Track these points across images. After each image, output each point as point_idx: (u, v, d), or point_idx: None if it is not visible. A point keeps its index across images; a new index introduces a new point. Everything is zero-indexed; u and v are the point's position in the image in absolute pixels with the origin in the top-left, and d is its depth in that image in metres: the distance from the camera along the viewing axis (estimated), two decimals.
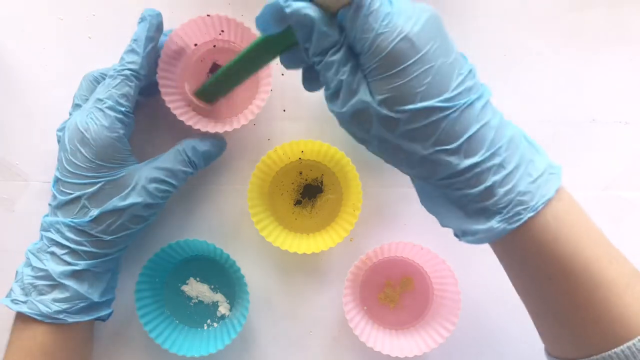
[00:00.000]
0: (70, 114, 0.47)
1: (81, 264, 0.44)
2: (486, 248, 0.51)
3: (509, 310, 0.51)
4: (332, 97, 0.37)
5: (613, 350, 0.35)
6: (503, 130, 0.36)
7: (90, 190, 0.44)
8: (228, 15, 0.48)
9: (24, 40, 0.53)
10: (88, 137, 0.44)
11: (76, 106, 0.47)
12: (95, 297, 0.45)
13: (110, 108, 0.44)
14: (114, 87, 0.45)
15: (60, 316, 0.43)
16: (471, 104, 0.35)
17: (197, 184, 0.52)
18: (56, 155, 0.50)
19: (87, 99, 0.47)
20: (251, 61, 0.41)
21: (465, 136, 0.35)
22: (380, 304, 0.51)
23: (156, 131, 0.51)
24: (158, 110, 0.50)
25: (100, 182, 0.44)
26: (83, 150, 0.44)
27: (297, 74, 0.53)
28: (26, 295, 0.44)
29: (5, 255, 0.52)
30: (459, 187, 0.36)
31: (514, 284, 0.40)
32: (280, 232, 0.50)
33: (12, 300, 0.44)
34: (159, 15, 0.47)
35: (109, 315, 0.47)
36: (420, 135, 0.35)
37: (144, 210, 0.45)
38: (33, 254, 0.45)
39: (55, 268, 0.44)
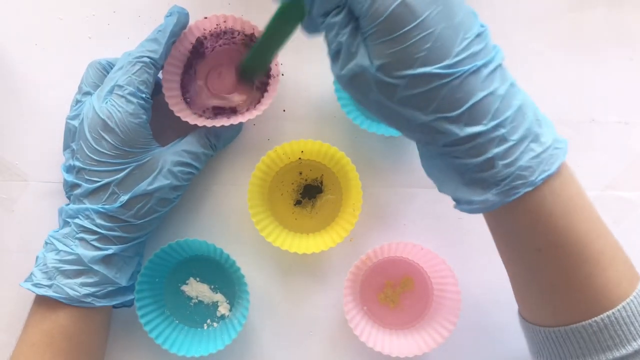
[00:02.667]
0: (79, 101, 0.47)
1: (112, 249, 0.45)
2: (486, 249, 0.51)
3: (509, 310, 0.51)
4: (333, 58, 0.36)
5: (593, 319, 0.36)
6: (510, 99, 0.35)
7: (120, 176, 0.45)
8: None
9: (24, 40, 0.53)
10: (111, 124, 0.44)
11: (85, 94, 0.47)
12: (123, 282, 0.46)
13: (132, 94, 0.45)
14: (133, 73, 0.45)
15: (88, 300, 0.44)
16: (476, 70, 0.33)
17: (197, 184, 0.52)
18: (56, 155, 0.51)
19: (96, 86, 0.47)
20: (277, 31, 0.41)
21: (467, 105, 0.33)
22: (380, 304, 0.51)
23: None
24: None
25: (128, 167, 0.45)
26: (108, 138, 0.44)
27: (297, 75, 0.53)
28: (50, 279, 0.44)
29: (5, 255, 0.52)
30: (459, 156, 0.35)
31: (501, 253, 0.40)
32: (280, 232, 0.50)
33: (35, 284, 0.44)
34: (187, 14, 0.48)
35: (130, 300, 0.48)
36: (419, 102, 0.34)
37: (170, 193, 0.46)
38: (58, 239, 0.45)
39: (86, 253, 0.44)
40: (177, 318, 0.50)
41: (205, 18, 0.49)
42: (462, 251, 0.52)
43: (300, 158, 0.51)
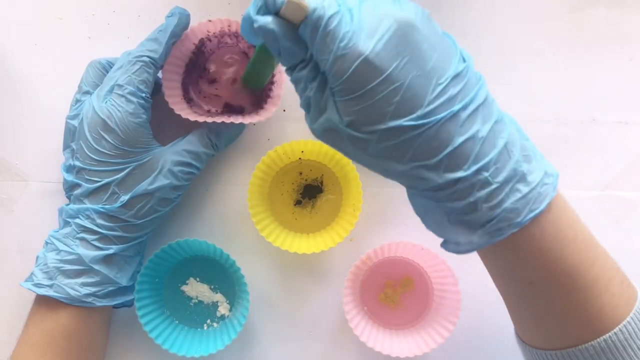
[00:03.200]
0: (79, 100, 0.47)
1: (113, 249, 0.45)
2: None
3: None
4: (305, 110, 0.36)
5: (590, 343, 0.35)
6: (494, 139, 0.33)
7: (120, 176, 0.45)
8: (229, 17, 0.49)
9: (23, 40, 0.53)
10: (111, 123, 0.44)
11: (85, 93, 0.47)
12: (123, 282, 0.46)
13: (132, 94, 0.45)
14: (133, 72, 0.45)
15: (89, 299, 0.44)
16: (453, 116, 0.32)
17: (197, 184, 0.52)
18: (56, 155, 0.51)
19: (96, 86, 0.47)
20: (263, 60, 0.42)
21: (445, 151, 0.32)
22: (380, 304, 0.51)
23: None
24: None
25: (128, 167, 0.45)
26: (108, 137, 0.44)
27: None
28: (50, 279, 0.44)
29: (5, 255, 0.52)
30: (441, 200, 0.34)
31: (494, 281, 0.40)
32: (280, 232, 0.50)
33: (35, 284, 0.44)
34: (188, 15, 0.48)
35: (131, 300, 0.48)
36: (394, 153, 0.33)
37: (171, 192, 0.46)
38: (58, 239, 0.45)
39: (87, 253, 0.44)
40: (177, 318, 0.50)
41: (210, 21, 0.49)
42: None
43: (300, 158, 0.51)
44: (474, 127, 0.33)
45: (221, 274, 0.50)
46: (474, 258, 0.52)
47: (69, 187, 0.47)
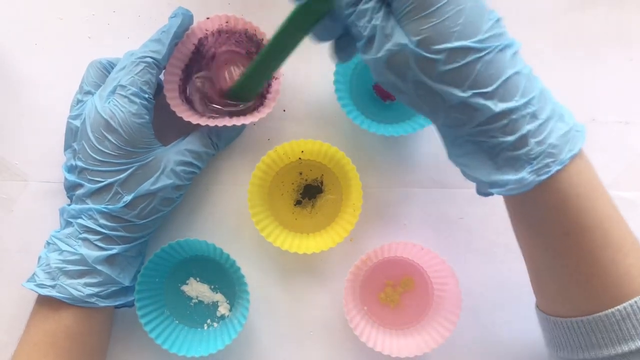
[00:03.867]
0: (80, 101, 0.47)
1: (116, 249, 0.45)
2: (486, 249, 0.51)
3: (509, 310, 0.51)
4: (366, 46, 0.37)
5: (616, 308, 0.36)
6: (534, 81, 0.37)
7: (123, 176, 0.45)
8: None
9: (23, 40, 0.53)
10: (114, 124, 0.44)
11: (86, 93, 0.47)
12: (126, 282, 0.46)
13: (135, 95, 0.45)
14: (136, 73, 0.45)
15: (92, 300, 0.44)
16: (502, 49, 0.35)
17: (197, 184, 0.52)
18: (56, 155, 0.51)
19: (98, 86, 0.47)
20: (283, 42, 0.42)
21: (500, 80, 0.35)
22: (380, 304, 0.51)
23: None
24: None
25: (131, 167, 0.45)
26: (111, 138, 0.44)
27: (296, 75, 0.53)
28: (53, 279, 0.44)
29: (5, 255, 0.52)
30: (494, 135, 0.36)
31: (524, 240, 0.40)
32: (280, 232, 0.50)
33: (38, 285, 0.44)
34: (191, 16, 0.48)
35: (132, 300, 0.48)
36: (457, 78, 0.35)
37: (173, 192, 0.47)
38: (60, 239, 0.45)
39: (90, 253, 0.44)
40: (177, 318, 0.50)
41: (208, 19, 0.49)
42: (462, 251, 0.52)
43: (300, 158, 0.51)
44: (519, 64, 0.36)
45: (221, 274, 0.50)
46: (474, 258, 0.52)
47: (71, 187, 0.47)
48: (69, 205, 0.47)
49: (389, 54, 0.36)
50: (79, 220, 0.45)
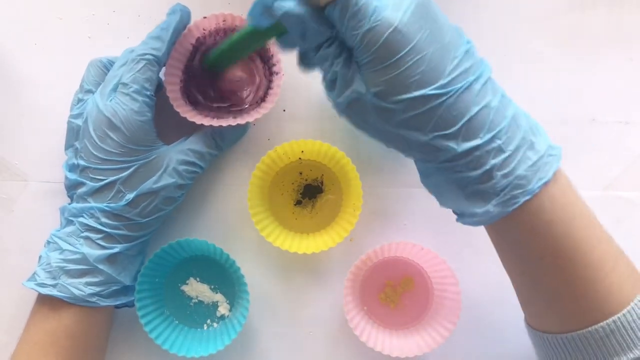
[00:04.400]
0: (81, 100, 0.47)
1: (117, 247, 0.45)
2: (486, 249, 0.51)
3: (509, 310, 0.51)
4: (329, 87, 0.37)
5: (599, 325, 0.36)
6: (503, 110, 0.36)
7: (125, 174, 0.45)
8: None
9: (23, 40, 0.53)
10: (116, 122, 0.44)
11: (87, 92, 0.47)
12: (127, 281, 0.46)
13: (137, 92, 0.45)
14: (137, 70, 0.45)
15: (93, 299, 0.44)
16: (469, 86, 0.35)
17: (198, 184, 0.52)
18: (56, 155, 0.51)
19: (98, 84, 0.47)
20: (245, 43, 0.43)
21: (464, 120, 0.34)
22: (380, 304, 0.51)
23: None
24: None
25: (134, 165, 0.45)
26: (113, 136, 0.44)
27: (297, 75, 0.53)
28: (54, 278, 0.44)
29: (5, 255, 0.52)
30: (459, 170, 0.36)
31: (504, 263, 0.41)
32: (280, 232, 0.50)
33: (38, 284, 0.44)
34: (189, 13, 0.48)
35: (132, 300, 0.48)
36: (417, 123, 0.35)
37: (175, 191, 0.47)
38: (61, 238, 0.45)
39: (92, 252, 0.44)
40: (177, 318, 0.50)
41: (205, 18, 0.49)
42: (462, 251, 0.51)
43: (300, 158, 0.51)
44: (487, 98, 0.35)
45: (221, 274, 0.50)
46: (474, 258, 0.52)
47: (72, 186, 0.46)
48: (70, 204, 0.46)
49: (348, 100, 0.36)
50: (80, 219, 0.45)
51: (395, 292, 0.51)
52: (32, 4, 0.53)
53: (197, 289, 0.51)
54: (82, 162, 0.45)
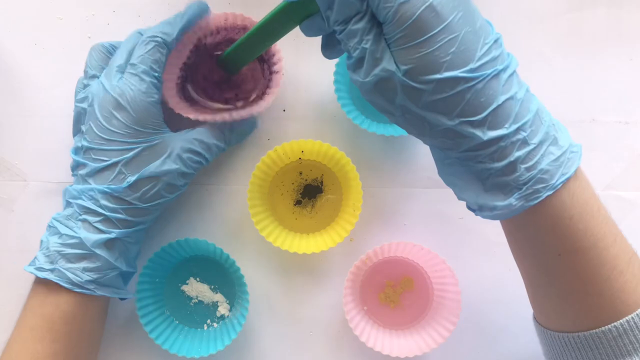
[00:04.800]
0: (86, 85, 0.47)
1: (115, 232, 0.44)
2: (486, 249, 0.51)
3: (509, 310, 0.51)
4: (355, 66, 0.36)
5: (613, 324, 0.36)
6: (528, 104, 0.35)
7: (128, 155, 0.44)
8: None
9: (23, 40, 0.53)
10: (123, 102, 0.43)
11: (92, 77, 0.47)
12: (123, 267, 0.45)
13: (145, 73, 0.44)
14: (146, 52, 0.44)
15: (90, 287, 0.44)
16: (497, 74, 0.34)
17: (198, 184, 0.52)
18: (56, 155, 0.51)
19: (102, 69, 0.47)
20: (272, 28, 0.42)
21: (491, 108, 0.34)
22: (380, 304, 0.51)
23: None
24: None
25: (138, 147, 0.44)
26: (119, 116, 0.44)
27: (297, 75, 0.53)
28: (52, 263, 0.43)
29: (5, 255, 0.52)
30: (482, 160, 0.35)
31: (518, 259, 0.40)
32: (280, 232, 0.50)
33: (37, 268, 0.44)
34: (208, 8, 0.48)
35: (128, 298, 0.47)
36: (445, 107, 0.34)
37: (178, 179, 0.46)
38: (60, 222, 0.45)
39: (89, 236, 0.43)
40: (177, 318, 0.50)
41: (205, 17, 0.49)
42: (462, 251, 0.52)
43: (300, 158, 0.51)
44: (513, 89, 0.35)
45: (221, 274, 0.50)
46: (474, 258, 0.52)
47: (74, 168, 0.46)
48: (71, 186, 0.46)
49: (376, 78, 0.35)
50: (79, 201, 0.44)
51: (395, 292, 0.51)
52: (32, 4, 0.53)
53: (197, 289, 0.51)
54: (85, 143, 0.44)
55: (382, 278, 0.51)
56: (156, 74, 0.45)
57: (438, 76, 0.33)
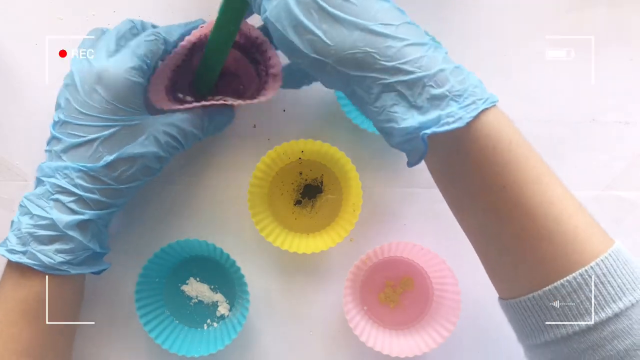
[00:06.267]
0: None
1: (88, 214, 0.43)
2: None
3: None
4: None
5: (565, 279, 0.34)
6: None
7: (106, 133, 0.42)
8: None
9: (23, 40, 0.53)
10: (106, 77, 0.42)
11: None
12: (97, 248, 0.44)
13: (137, 55, 0.43)
14: (145, 40, 0.44)
15: (64, 267, 0.43)
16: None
17: (197, 184, 0.52)
18: None
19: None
20: (225, 24, 0.44)
21: (402, 21, 0.37)
22: (380, 304, 0.51)
23: None
24: None
25: (117, 125, 0.43)
26: (100, 91, 0.42)
27: None
28: (24, 245, 0.42)
29: None
30: (411, 71, 0.35)
31: (460, 210, 0.40)
32: (280, 232, 0.50)
33: (9, 250, 0.43)
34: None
35: (105, 269, 0.46)
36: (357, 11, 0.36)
37: (155, 162, 0.45)
38: (31, 201, 0.43)
39: (61, 217, 0.42)
40: (177, 318, 0.50)
41: (201, 27, 0.48)
42: (462, 251, 0.51)
43: (300, 158, 0.51)
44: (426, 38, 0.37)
45: (221, 274, 0.51)
46: (474, 258, 0.52)
47: (48, 142, 0.45)
48: (44, 163, 0.44)
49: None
50: (52, 180, 0.43)
51: (395, 292, 0.51)
52: (32, 4, 0.53)
53: (197, 289, 0.51)
54: (61, 117, 0.43)
55: (382, 278, 0.51)
56: (148, 61, 0.44)
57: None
